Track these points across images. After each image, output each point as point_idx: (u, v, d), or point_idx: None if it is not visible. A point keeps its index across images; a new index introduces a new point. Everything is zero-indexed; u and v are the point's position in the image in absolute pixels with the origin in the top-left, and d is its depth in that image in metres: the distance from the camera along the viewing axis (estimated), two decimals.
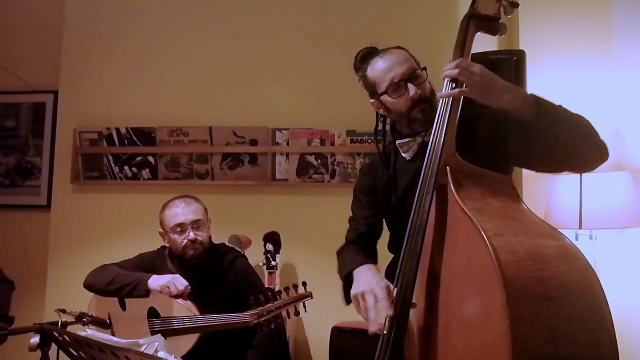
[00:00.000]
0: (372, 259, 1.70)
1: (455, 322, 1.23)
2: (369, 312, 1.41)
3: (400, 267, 1.39)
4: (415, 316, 1.37)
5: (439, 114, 1.41)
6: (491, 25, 1.46)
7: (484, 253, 1.11)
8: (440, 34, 3.22)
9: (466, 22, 1.45)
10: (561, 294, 1.12)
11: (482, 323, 1.13)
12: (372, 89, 1.65)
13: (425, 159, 1.40)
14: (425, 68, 1.60)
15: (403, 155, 1.65)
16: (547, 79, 2.75)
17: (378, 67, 1.61)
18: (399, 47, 1.65)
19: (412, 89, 1.56)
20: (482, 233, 1.14)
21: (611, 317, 1.14)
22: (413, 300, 1.36)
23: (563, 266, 1.15)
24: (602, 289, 1.16)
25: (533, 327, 1.08)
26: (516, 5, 1.44)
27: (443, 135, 1.37)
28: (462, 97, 1.40)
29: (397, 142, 1.66)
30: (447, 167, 1.32)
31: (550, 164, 1.47)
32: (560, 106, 1.41)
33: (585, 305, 1.14)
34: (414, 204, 1.39)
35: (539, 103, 1.37)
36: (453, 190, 1.28)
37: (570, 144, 1.37)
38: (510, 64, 2.57)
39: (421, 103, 1.56)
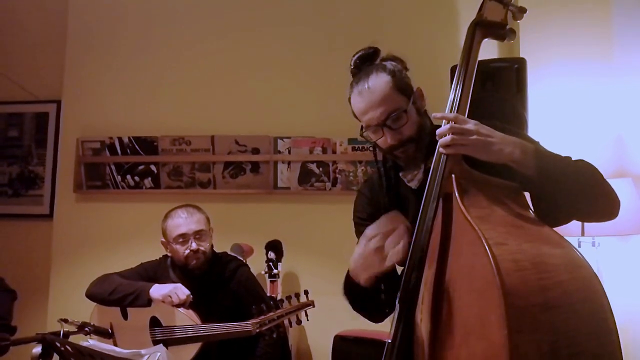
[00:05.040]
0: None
1: (459, 331, 1.21)
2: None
3: (404, 277, 1.37)
4: (423, 324, 1.36)
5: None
6: (498, 31, 1.44)
7: (485, 262, 1.10)
8: (441, 39, 3.25)
9: (472, 28, 1.43)
10: (564, 303, 1.10)
11: (483, 333, 1.12)
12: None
13: (431, 167, 1.37)
14: (405, 110, 1.45)
15: (408, 184, 1.55)
16: (549, 87, 2.75)
17: (355, 104, 1.51)
18: (384, 71, 1.47)
19: (388, 136, 1.45)
20: (484, 241, 1.12)
21: (616, 327, 1.13)
22: (418, 313, 1.34)
23: (566, 275, 1.13)
24: (606, 298, 1.14)
25: (534, 338, 1.06)
26: (524, 10, 1.41)
27: None
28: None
29: (400, 173, 1.57)
30: (453, 175, 1.30)
31: (558, 217, 1.37)
32: (564, 158, 1.36)
33: (590, 314, 1.12)
34: (420, 213, 1.36)
35: (539, 156, 1.30)
36: (458, 199, 1.26)
37: (578, 201, 1.31)
38: (511, 72, 2.58)
39: (402, 146, 1.47)
